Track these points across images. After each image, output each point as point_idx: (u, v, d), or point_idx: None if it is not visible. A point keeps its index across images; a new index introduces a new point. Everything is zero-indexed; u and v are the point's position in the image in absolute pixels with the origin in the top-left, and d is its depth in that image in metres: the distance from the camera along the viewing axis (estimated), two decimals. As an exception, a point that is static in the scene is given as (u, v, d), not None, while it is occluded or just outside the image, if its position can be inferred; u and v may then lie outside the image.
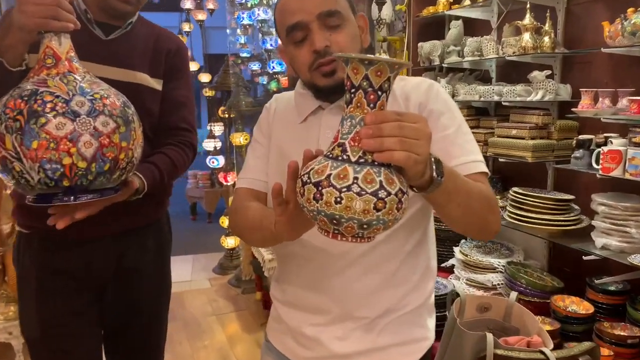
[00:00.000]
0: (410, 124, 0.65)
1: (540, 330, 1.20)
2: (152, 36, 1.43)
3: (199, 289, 3.57)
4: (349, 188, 0.64)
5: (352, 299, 0.99)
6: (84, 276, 1.38)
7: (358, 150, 0.66)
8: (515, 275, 2.20)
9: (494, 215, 0.90)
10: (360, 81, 0.66)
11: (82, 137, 0.97)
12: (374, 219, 0.64)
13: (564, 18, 2.28)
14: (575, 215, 2.10)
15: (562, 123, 2.23)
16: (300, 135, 1.03)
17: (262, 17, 3.68)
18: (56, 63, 1.03)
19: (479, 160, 0.95)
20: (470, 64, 2.64)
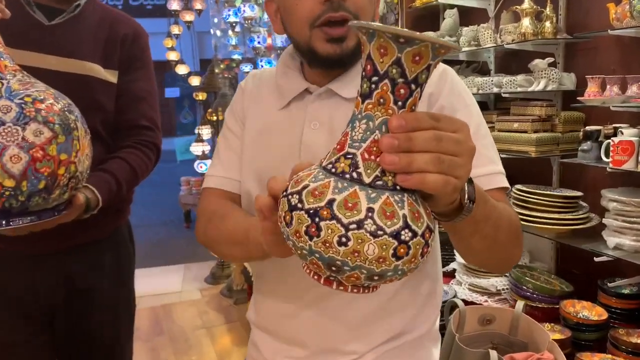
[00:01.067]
0: (449, 133, 0.46)
1: (552, 345, 1.04)
2: (106, 21, 1.27)
3: (189, 301, 3.40)
4: (359, 225, 0.44)
5: (338, 330, 0.81)
6: (28, 300, 1.22)
7: (375, 166, 0.47)
8: (521, 279, 2.05)
9: (519, 248, 0.73)
10: (389, 67, 0.45)
11: (7, 150, 0.81)
12: (389, 270, 0.46)
13: (565, 1, 2.13)
14: (584, 213, 1.94)
15: (567, 114, 2.07)
16: (279, 126, 0.83)
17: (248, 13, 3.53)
18: None
19: (500, 172, 0.76)
20: (467, 55, 2.49)
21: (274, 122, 0.84)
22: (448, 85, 0.78)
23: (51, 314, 1.26)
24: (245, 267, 2.88)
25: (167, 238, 4.97)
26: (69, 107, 0.94)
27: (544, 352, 1.05)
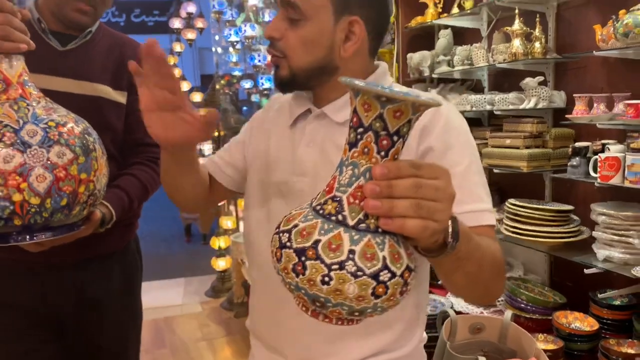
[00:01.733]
0: (429, 180, 0.50)
1: (538, 352, 1.09)
2: (115, 46, 1.34)
3: (190, 313, 3.44)
4: (341, 265, 0.48)
5: (316, 342, 0.86)
6: (39, 309, 1.27)
7: (359, 210, 0.51)
8: (515, 291, 2.10)
9: (500, 284, 0.76)
10: (372, 121, 0.50)
11: (33, 170, 0.88)
12: (369, 307, 0.50)
13: (554, 23, 2.22)
14: (575, 226, 2.01)
15: (558, 131, 2.14)
16: (285, 141, 0.92)
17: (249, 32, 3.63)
18: (6, 88, 0.94)
19: (488, 210, 0.79)
20: (461, 73, 2.58)
21: (282, 137, 0.93)
22: (442, 122, 0.81)
23: (61, 323, 1.31)
24: (246, 280, 2.92)
25: (168, 252, 5.02)
26: (88, 130, 1.01)
27: (531, 358, 1.10)
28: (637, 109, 1.69)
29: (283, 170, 0.90)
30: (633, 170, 1.69)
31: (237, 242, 3.08)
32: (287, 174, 0.89)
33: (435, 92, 2.59)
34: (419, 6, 2.78)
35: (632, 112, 1.70)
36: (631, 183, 1.69)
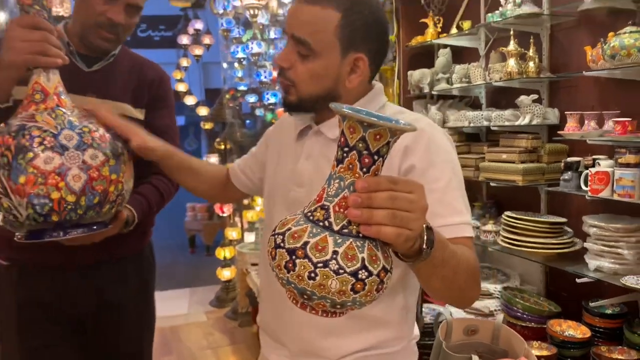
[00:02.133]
0: (404, 193, 0.58)
1: (527, 352, 1.18)
2: (136, 67, 1.46)
3: (195, 322, 3.52)
4: (325, 264, 0.56)
5: (313, 335, 0.95)
6: (60, 308, 1.36)
7: (343, 217, 0.59)
8: (512, 301, 2.18)
9: (475, 290, 0.84)
10: (356, 142, 0.58)
11: (70, 170, 0.96)
12: (349, 300, 0.58)
13: (548, 44, 2.33)
14: (569, 238, 2.09)
15: (552, 146, 2.24)
16: (290, 153, 1.04)
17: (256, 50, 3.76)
18: (45, 98, 1.03)
19: (466, 222, 0.87)
20: (460, 90, 2.68)
21: (288, 150, 1.05)
22: (424, 143, 0.88)
23: (81, 323, 1.41)
24: (251, 289, 3.00)
25: (173, 262, 5.10)
26: (116, 136, 1.11)
27: (521, 358, 1.18)
28: (624, 126, 1.79)
29: (286, 180, 1.02)
30: (621, 184, 1.78)
31: (243, 252, 3.17)
32: (289, 184, 1.00)
33: (434, 109, 2.70)
34: (420, 26, 2.90)
35: (620, 129, 1.80)
36: (619, 196, 1.78)
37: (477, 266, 0.83)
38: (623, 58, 1.73)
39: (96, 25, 1.29)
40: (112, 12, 1.29)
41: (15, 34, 1.01)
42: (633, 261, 1.83)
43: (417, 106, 2.90)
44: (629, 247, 1.83)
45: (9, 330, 1.38)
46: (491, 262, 2.66)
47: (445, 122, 2.66)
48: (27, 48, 1.01)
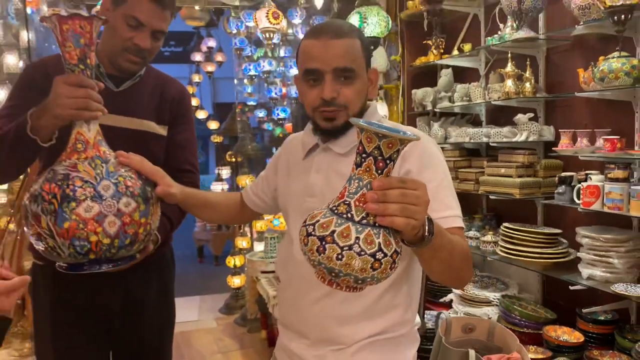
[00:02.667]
0: (411, 190, 0.72)
1: (519, 348, 1.30)
2: (159, 86, 1.56)
3: (205, 329, 3.64)
4: (350, 247, 0.70)
5: (330, 325, 1.09)
6: (92, 308, 1.47)
7: (362, 210, 0.72)
8: (510, 308, 2.29)
9: (468, 271, 0.99)
10: (372, 150, 0.71)
11: (107, 218, 1.09)
12: (368, 277, 0.71)
13: (544, 65, 2.48)
14: (564, 248, 2.22)
15: (547, 162, 2.38)
16: (299, 170, 1.19)
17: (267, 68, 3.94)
18: (85, 148, 1.14)
19: (457, 215, 1.03)
20: (461, 108, 2.83)
21: (298, 167, 1.21)
22: (418, 151, 1.05)
23: (109, 321, 1.53)
24: (261, 296, 3.13)
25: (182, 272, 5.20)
26: (147, 181, 1.22)
27: (513, 353, 1.31)
28: (612, 143, 1.93)
29: (299, 193, 1.17)
30: (610, 197, 1.91)
31: (253, 260, 3.30)
32: (302, 195, 1.15)
33: (437, 125, 2.84)
34: (423, 47, 3.06)
35: (609, 146, 1.94)
36: (609, 209, 1.91)
37: (469, 251, 0.98)
38: (611, 81, 1.88)
39: (124, 50, 1.40)
40: (139, 38, 1.39)
41: (63, 91, 1.13)
42: (623, 270, 1.95)
43: (421, 123, 3.05)
44: (619, 257, 1.95)
45: (43, 330, 1.49)
46: (491, 272, 2.78)
47: (447, 138, 2.80)
48: (72, 104, 1.13)
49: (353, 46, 1.06)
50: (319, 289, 1.08)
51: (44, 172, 1.15)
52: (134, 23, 1.37)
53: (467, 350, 1.29)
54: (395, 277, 1.08)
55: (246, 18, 3.49)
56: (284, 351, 1.20)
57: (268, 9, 2.68)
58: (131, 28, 1.38)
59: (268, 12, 2.65)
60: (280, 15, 2.74)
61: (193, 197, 1.32)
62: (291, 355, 1.16)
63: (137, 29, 1.38)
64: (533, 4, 2.24)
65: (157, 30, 1.41)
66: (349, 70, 1.06)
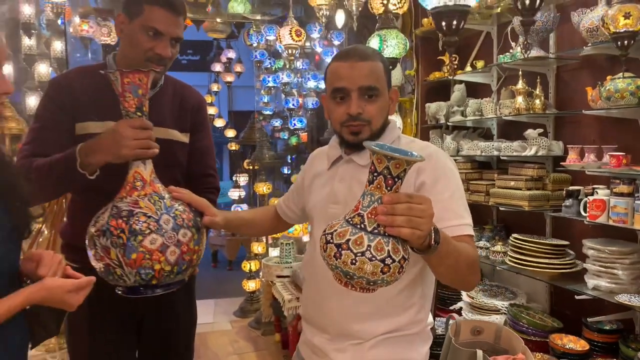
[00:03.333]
0: (417, 205, 0.82)
1: (524, 349, 1.39)
2: (178, 95, 1.65)
3: (220, 331, 3.76)
4: (363, 254, 0.80)
5: (349, 322, 1.20)
6: (124, 308, 1.55)
7: (374, 222, 0.82)
8: (518, 316, 2.37)
9: (475, 276, 1.08)
10: (382, 169, 0.82)
11: (169, 248, 1.22)
12: (379, 279, 0.82)
13: (554, 82, 2.57)
14: (571, 259, 2.30)
15: (556, 176, 2.46)
16: (324, 180, 1.32)
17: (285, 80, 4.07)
18: (143, 185, 1.26)
19: (467, 224, 1.12)
20: (473, 122, 2.93)
21: (322, 177, 1.33)
22: (432, 164, 1.16)
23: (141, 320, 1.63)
24: (276, 299, 3.23)
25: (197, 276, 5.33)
26: (196, 212, 1.34)
27: (519, 354, 1.40)
28: (618, 159, 2.02)
29: (324, 200, 1.29)
30: (616, 211, 2.00)
31: (269, 265, 3.41)
32: (327, 202, 1.27)
33: (450, 138, 2.95)
34: (437, 62, 3.17)
35: (615, 162, 2.03)
36: (614, 222, 2.00)
37: (476, 258, 1.08)
38: (617, 100, 1.97)
39: (146, 60, 1.46)
40: (160, 47, 1.45)
41: (128, 134, 1.24)
42: (627, 281, 2.03)
43: (434, 135, 3.15)
44: (623, 268, 2.03)
45: (78, 323, 1.57)
46: (500, 281, 2.86)
47: (459, 151, 2.90)
48: (137, 145, 1.25)
49: (377, 68, 1.19)
50: (338, 288, 1.18)
51: (106, 207, 1.26)
52: (152, 33, 1.44)
53: (475, 351, 1.38)
54: (410, 279, 1.19)
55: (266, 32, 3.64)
56: (307, 345, 1.31)
57: (291, 26, 2.82)
58: (150, 38, 1.45)
59: (291, 30, 2.79)
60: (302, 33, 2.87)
61: (233, 220, 1.47)
62: (313, 349, 1.27)
63: (156, 38, 1.45)
64: (544, 25, 2.35)
65: (174, 37, 1.48)
66: (373, 89, 1.18)
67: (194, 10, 3.60)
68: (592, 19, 2.08)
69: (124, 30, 1.49)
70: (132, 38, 1.47)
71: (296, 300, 2.94)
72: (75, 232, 1.48)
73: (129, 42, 1.49)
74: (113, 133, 1.26)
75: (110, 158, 1.29)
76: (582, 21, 2.14)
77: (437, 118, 3.06)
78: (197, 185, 1.69)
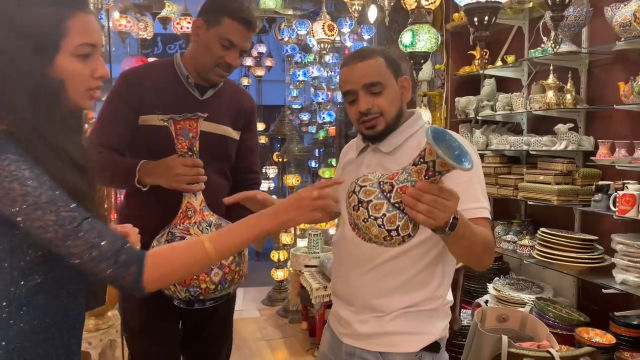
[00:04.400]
0: (443, 200, 0.89)
1: (549, 336, 1.43)
2: (234, 96, 1.78)
3: (249, 318, 3.87)
4: (375, 219, 0.89)
5: (372, 297, 1.29)
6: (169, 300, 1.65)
7: (399, 197, 0.89)
8: (544, 309, 2.39)
9: (489, 256, 1.16)
10: (429, 160, 0.87)
11: (213, 270, 1.38)
12: (379, 242, 0.92)
13: (586, 77, 2.56)
14: (599, 254, 2.30)
15: (586, 170, 2.46)
16: (353, 167, 1.41)
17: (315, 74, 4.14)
18: (194, 214, 1.44)
19: (484, 207, 1.20)
20: (503, 117, 2.94)
21: (352, 165, 1.43)
22: None
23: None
24: (304, 288, 3.32)
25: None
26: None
27: (543, 340, 1.44)
28: (649, 154, 2.02)
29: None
30: (646, 205, 2.00)
31: (297, 254, 3.49)
32: None
33: (479, 132, 2.97)
34: (467, 57, 3.19)
35: (646, 157, 2.03)
36: (644, 217, 2.00)
37: (490, 241, 1.15)
38: (649, 95, 1.97)
39: (215, 66, 1.61)
40: (230, 57, 1.61)
41: (181, 171, 1.43)
42: (656, 276, 2.03)
43: (463, 129, 3.17)
44: (652, 263, 2.03)
45: (132, 302, 1.70)
46: (526, 275, 2.87)
47: (489, 145, 2.92)
48: (187, 180, 1.44)
49: (376, 63, 1.28)
50: (363, 265, 1.29)
51: (164, 231, 1.45)
52: (227, 44, 1.59)
53: (500, 336, 1.43)
54: (431, 258, 1.27)
55: (298, 26, 3.71)
56: (334, 316, 1.41)
57: (324, 21, 2.88)
58: (224, 48, 1.59)
59: (324, 25, 2.85)
60: (335, 28, 2.93)
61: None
62: (339, 320, 1.37)
63: (229, 49, 1.59)
64: (576, 19, 2.35)
65: (244, 50, 1.64)
66: (376, 84, 1.27)
67: (227, 5, 3.68)
68: (625, 13, 2.08)
69: (200, 35, 1.63)
70: (207, 44, 1.61)
71: (324, 289, 3.02)
72: (131, 210, 1.67)
73: (203, 47, 1.62)
74: (168, 167, 1.45)
75: (163, 184, 1.48)
76: (615, 16, 2.14)
77: (467, 112, 3.08)
78: (242, 180, 1.84)
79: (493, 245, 1.16)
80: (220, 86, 1.73)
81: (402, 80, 1.32)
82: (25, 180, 0.85)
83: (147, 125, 1.62)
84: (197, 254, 0.97)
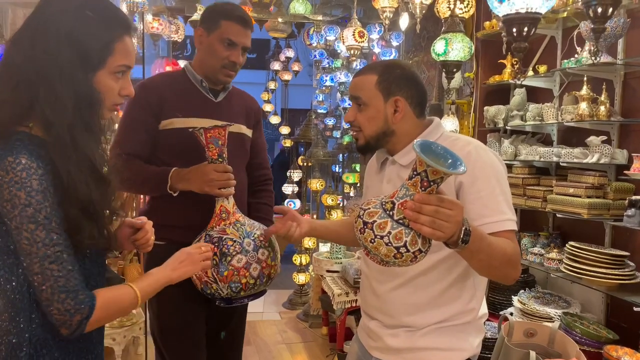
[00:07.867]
0: (446, 210, 0.87)
1: (578, 354, 1.40)
2: (242, 98, 1.92)
3: (270, 320, 3.89)
4: (382, 237, 0.89)
5: (403, 312, 1.28)
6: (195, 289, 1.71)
7: (401, 213, 0.90)
8: (571, 325, 2.33)
9: (514, 270, 1.11)
10: (421, 171, 0.88)
11: (252, 265, 1.47)
12: (391, 261, 0.91)
13: (621, 89, 2.51)
14: (630, 270, 2.24)
15: (618, 184, 2.40)
16: (375, 180, 1.41)
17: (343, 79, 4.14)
18: (228, 216, 1.55)
19: (508, 219, 1.14)
20: (533, 127, 2.89)
21: (374, 178, 1.43)
22: (471, 163, 1.13)
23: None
24: (325, 293, 3.31)
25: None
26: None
27: (572, 358, 1.41)
28: (686, 170, 1.96)
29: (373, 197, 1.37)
30: (681, 223, 1.94)
31: (319, 259, 3.49)
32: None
33: (507, 142, 2.93)
34: (497, 65, 3.15)
35: (683, 173, 1.97)
36: (679, 234, 1.94)
37: (514, 253, 1.10)
38: (688, 109, 1.91)
39: (222, 67, 1.74)
40: (234, 55, 1.73)
41: (213, 177, 1.53)
42: (690, 295, 1.97)
43: (491, 139, 3.13)
44: (687, 282, 1.97)
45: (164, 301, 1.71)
46: (553, 289, 2.81)
47: (517, 155, 2.87)
48: (219, 185, 1.53)
49: (367, 80, 1.28)
50: (393, 280, 1.28)
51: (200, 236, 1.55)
52: (227, 43, 1.71)
53: (528, 352, 1.41)
54: (460, 272, 1.24)
55: (327, 32, 3.72)
56: (364, 329, 1.40)
57: (355, 28, 2.89)
58: (226, 48, 1.72)
59: (355, 31, 2.86)
60: (365, 34, 2.94)
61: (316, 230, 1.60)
62: (369, 333, 1.36)
63: (230, 48, 1.72)
64: (613, 30, 2.30)
65: (245, 46, 1.77)
66: (357, 98, 1.29)
67: (257, 10, 3.74)
68: (665, 25, 2.03)
69: (203, 42, 1.76)
70: (210, 48, 1.74)
71: (345, 295, 3.01)
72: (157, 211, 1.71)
73: (208, 51, 1.75)
74: (200, 173, 1.54)
75: (195, 190, 1.57)
76: (654, 27, 2.08)
77: (496, 122, 3.04)
78: (256, 176, 1.96)
79: (518, 258, 1.12)
80: (229, 90, 1.86)
81: (394, 102, 1.27)
82: (32, 191, 0.90)
83: (169, 129, 1.72)
84: (130, 298, 1.05)
